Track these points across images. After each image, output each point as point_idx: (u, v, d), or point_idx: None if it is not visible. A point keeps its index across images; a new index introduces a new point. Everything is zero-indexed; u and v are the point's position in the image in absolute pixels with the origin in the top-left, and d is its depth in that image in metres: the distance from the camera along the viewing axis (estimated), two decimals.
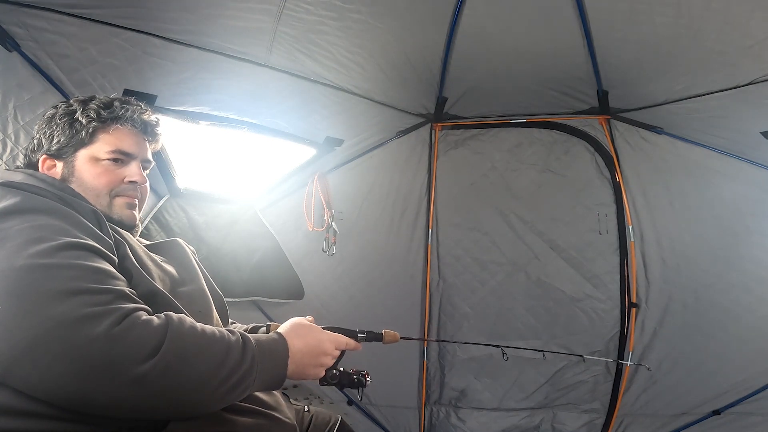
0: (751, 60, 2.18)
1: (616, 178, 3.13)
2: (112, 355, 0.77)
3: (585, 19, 2.35)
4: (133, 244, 1.05)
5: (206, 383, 0.85)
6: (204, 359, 0.85)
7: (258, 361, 0.94)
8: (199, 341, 0.87)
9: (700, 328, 3.01)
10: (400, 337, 1.40)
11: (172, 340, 0.82)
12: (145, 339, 0.80)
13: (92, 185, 1.13)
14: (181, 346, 0.83)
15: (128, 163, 1.18)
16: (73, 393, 0.77)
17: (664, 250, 3.08)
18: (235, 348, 0.91)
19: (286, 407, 1.14)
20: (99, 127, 1.15)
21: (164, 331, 0.83)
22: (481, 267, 3.39)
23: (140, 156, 1.21)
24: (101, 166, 1.14)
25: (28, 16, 1.84)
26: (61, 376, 0.75)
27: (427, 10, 2.41)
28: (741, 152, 2.76)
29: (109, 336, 0.77)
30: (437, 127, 3.28)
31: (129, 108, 1.18)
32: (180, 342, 0.83)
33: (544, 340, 3.30)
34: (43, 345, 0.75)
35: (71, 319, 0.77)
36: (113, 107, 1.17)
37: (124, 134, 1.17)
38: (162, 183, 2.63)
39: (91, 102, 1.17)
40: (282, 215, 3.09)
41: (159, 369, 0.79)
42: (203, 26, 2.14)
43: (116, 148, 1.15)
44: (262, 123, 2.60)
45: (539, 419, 3.32)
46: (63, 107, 1.18)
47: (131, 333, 0.79)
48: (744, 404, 2.92)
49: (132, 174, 1.17)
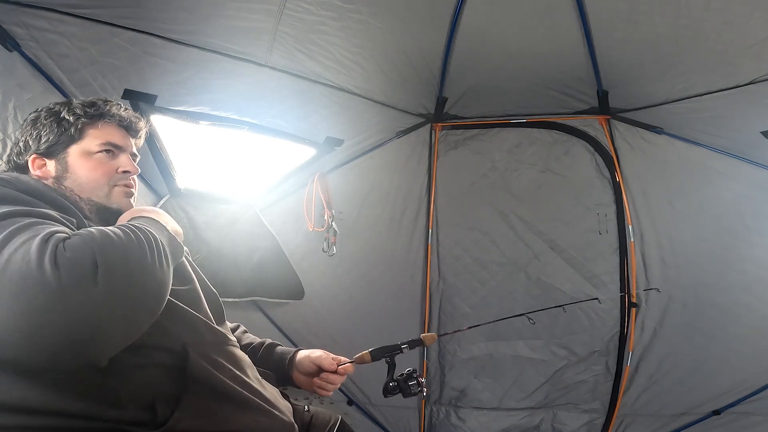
0: (751, 60, 2.18)
1: (616, 178, 3.13)
2: (62, 290, 0.73)
3: (585, 19, 2.35)
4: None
5: (147, 264, 0.85)
6: (130, 248, 0.84)
7: (148, 225, 0.96)
8: (113, 239, 0.84)
9: (700, 328, 3.01)
10: (437, 335, 1.53)
11: (99, 253, 0.79)
12: (80, 261, 0.77)
13: (89, 178, 1.16)
14: (108, 251, 0.80)
15: (118, 155, 1.21)
16: (44, 344, 0.73)
17: (664, 250, 3.08)
18: (132, 228, 0.90)
19: (285, 406, 1.15)
20: (87, 123, 1.18)
21: (88, 244, 0.80)
22: (481, 267, 3.39)
23: (128, 149, 1.24)
24: (95, 159, 1.17)
25: (28, 16, 1.84)
26: (27, 331, 0.72)
27: (427, 10, 2.41)
28: (741, 152, 2.76)
29: (52, 275, 0.73)
30: (437, 127, 3.28)
31: (112, 105, 1.23)
32: (105, 248, 0.80)
33: (544, 340, 3.31)
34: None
35: (11, 268, 0.74)
36: (97, 105, 1.21)
37: (111, 128, 1.21)
38: (162, 183, 2.63)
39: (73, 102, 1.21)
40: (282, 215, 3.09)
41: (106, 275, 0.77)
42: (203, 26, 2.14)
43: (106, 141, 1.19)
44: (262, 123, 2.60)
45: (539, 419, 3.32)
46: (45, 109, 1.21)
47: (65, 262, 0.75)
48: (744, 404, 2.92)
49: (124, 164, 1.20)
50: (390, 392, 1.31)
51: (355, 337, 3.29)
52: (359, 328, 3.29)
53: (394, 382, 1.32)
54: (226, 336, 1.13)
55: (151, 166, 2.53)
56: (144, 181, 2.57)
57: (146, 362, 0.92)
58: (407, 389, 1.34)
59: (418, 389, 1.35)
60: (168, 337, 0.97)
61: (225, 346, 1.10)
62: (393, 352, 1.41)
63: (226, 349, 1.10)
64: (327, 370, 1.34)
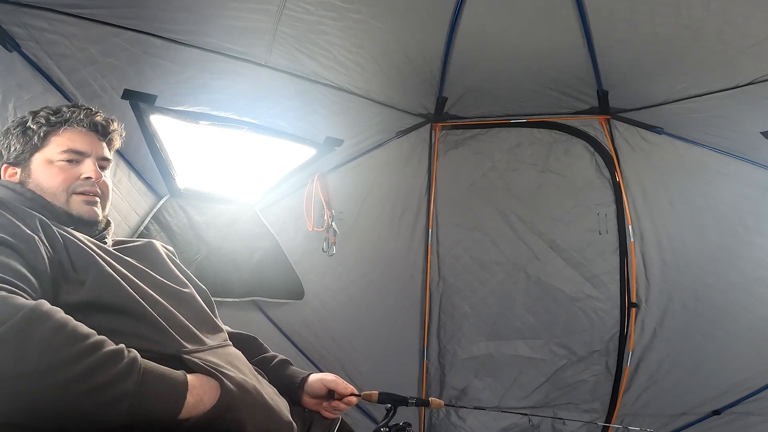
0: (751, 60, 2.18)
1: (616, 178, 3.13)
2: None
3: (585, 19, 2.35)
4: (93, 247, 1.06)
5: (58, 376, 0.76)
6: (53, 347, 0.77)
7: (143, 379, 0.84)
8: (57, 334, 0.79)
9: (700, 328, 3.01)
10: (444, 404, 1.61)
11: (22, 319, 0.77)
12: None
13: (48, 185, 1.17)
14: (30, 329, 0.77)
15: (82, 161, 1.21)
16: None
17: (664, 250, 3.08)
18: (105, 353, 0.82)
19: (284, 405, 1.15)
20: (49, 131, 1.19)
21: (18, 310, 0.78)
22: (481, 267, 3.40)
23: (94, 153, 1.23)
24: (55, 167, 1.18)
25: (28, 16, 1.84)
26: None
27: (427, 10, 2.41)
28: (741, 152, 2.75)
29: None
30: (437, 127, 3.28)
31: (77, 111, 1.22)
32: (33, 325, 0.77)
33: (544, 340, 3.31)
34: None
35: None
36: (61, 112, 1.21)
37: (74, 135, 1.21)
38: (162, 183, 2.63)
39: (41, 111, 1.22)
40: (282, 215, 3.09)
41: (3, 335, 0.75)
42: (203, 26, 2.14)
43: (68, 148, 1.19)
44: (262, 123, 2.60)
45: (539, 418, 3.32)
46: (18, 119, 1.23)
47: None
48: (744, 404, 2.92)
49: (86, 170, 1.20)
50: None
51: (355, 338, 3.29)
52: (359, 329, 3.29)
53: (386, 428, 1.35)
54: (220, 339, 1.16)
55: (151, 166, 2.52)
56: (144, 181, 2.56)
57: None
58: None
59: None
60: (163, 345, 0.99)
61: (220, 348, 1.12)
62: (399, 402, 1.45)
63: (223, 351, 1.12)
64: (341, 394, 1.36)
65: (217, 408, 0.92)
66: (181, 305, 1.13)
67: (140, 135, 2.35)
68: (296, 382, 1.36)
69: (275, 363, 1.40)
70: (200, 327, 1.13)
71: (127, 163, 2.44)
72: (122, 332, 0.96)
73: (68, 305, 0.93)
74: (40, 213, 1.07)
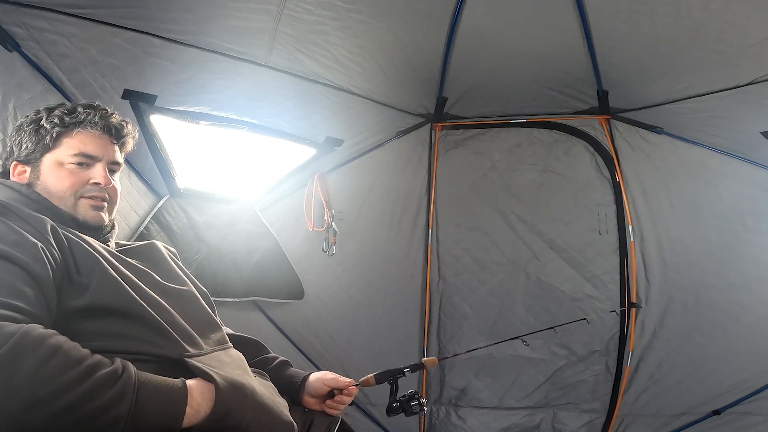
0: (751, 60, 2.18)
1: (616, 178, 3.13)
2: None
3: (585, 19, 2.35)
4: (98, 249, 1.06)
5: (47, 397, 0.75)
6: (43, 378, 0.76)
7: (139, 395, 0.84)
8: (48, 363, 0.77)
9: (700, 328, 3.01)
10: (438, 360, 1.72)
11: (11, 349, 0.76)
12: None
13: (56, 188, 1.15)
14: (20, 359, 0.76)
15: (93, 165, 1.19)
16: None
17: (664, 250, 3.08)
18: (101, 374, 0.82)
19: (283, 404, 1.15)
20: (62, 132, 1.17)
21: (7, 339, 0.76)
22: (481, 267, 3.40)
23: (106, 158, 1.21)
24: (65, 170, 1.16)
25: (28, 16, 1.84)
26: None
27: (427, 10, 2.41)
28: (741, 152, 2.75)
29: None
30: (437, 127, 3.28)
31: (92, 112, 1.20)
32: (22, 355, 0.76)
33: (544, 340, 3.31)
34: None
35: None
36: (76, 112, 1.19)
37: (87, 138, 1.18)
38: (162, 183, 2.63)
39: (56, 109, 1.19)
40: (282, 215, 3.09)
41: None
42: (203, 26, 2.14)
43: (79, 152, 1.17)
44: (262, 123, 2.60)
45: (539, 418, 3.32)
46: (32, 115, 1.20)
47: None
48: (744, 404, 2.92)
49: (96, 176, 1.18)
50: (393, 412, 1.45)
51: (355, 337, 3.29)
52: (359, 328, 3.29)
53: (397, 403, 1.46)
54: (220, 340, 1.16)
55: (151, 166, 2.52)
56: (144, 181, 2.56)
57: (144, 368, 0.92)
58: (409, 409, 1.47)
59: (420, 409, 1.47)
60: (165, 348, 0.99)
61: (221, 350, 1.12)
62: (396, 375, 1.52)
63: (224, 353, 1.12)
64: (343, 388, 1.37)
65: (216, 413, 0.92)
66: (182, 306, 1.13)
67: (140, 135, 2.36)
68: (297, 382, 1.36)
69: (275, 364, 1.41)
70: (201, 328, 1.13)
71: (127, 163, 2.43)
72: (125, 335, 0.96)
73: (72, 310, 0.94)
74: (45, 216, 1.06)
